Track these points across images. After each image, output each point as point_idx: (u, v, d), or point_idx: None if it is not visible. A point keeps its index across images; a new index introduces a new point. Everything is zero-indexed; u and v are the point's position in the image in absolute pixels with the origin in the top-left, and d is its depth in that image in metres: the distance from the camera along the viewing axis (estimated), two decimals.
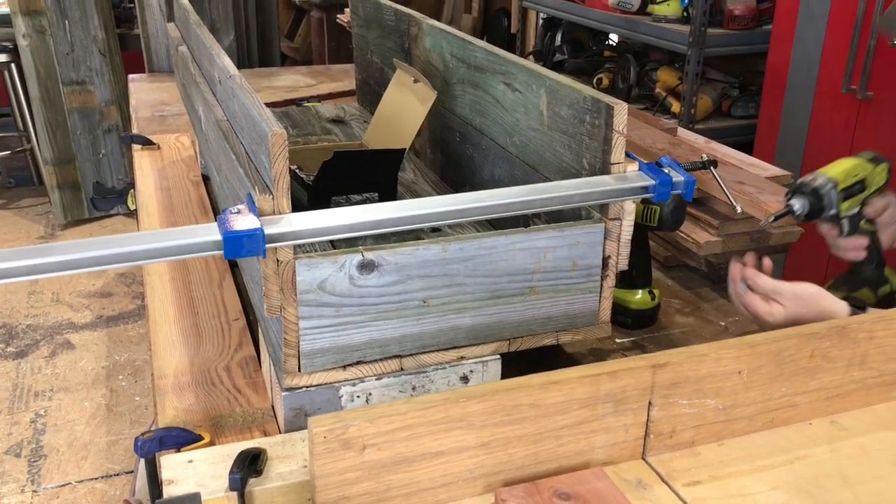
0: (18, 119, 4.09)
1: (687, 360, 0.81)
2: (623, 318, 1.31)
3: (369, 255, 0.96)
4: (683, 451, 0.85)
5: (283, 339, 0.97)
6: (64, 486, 2.25)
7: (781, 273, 2.20)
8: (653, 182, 1.04)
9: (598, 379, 0.78)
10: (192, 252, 0.89)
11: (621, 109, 1.00)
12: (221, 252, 0.88)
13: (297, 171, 1.45)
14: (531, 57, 4.02)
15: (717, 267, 1.49)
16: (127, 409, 2.60)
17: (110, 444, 2.42)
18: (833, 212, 1.17)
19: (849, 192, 1.18)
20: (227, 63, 1.19)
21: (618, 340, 1.31)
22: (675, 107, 3.04)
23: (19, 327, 3.06)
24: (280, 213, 0.92)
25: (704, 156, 1.18)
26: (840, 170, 1.19)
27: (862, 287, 1.23)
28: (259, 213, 0.91)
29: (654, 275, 1.53)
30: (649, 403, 0.81)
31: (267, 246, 0.89)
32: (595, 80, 3.43)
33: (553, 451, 0.79)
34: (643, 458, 0.84)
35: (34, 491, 2.22)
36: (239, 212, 0.91)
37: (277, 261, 0.93)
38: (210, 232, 0.89)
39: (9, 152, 4.13)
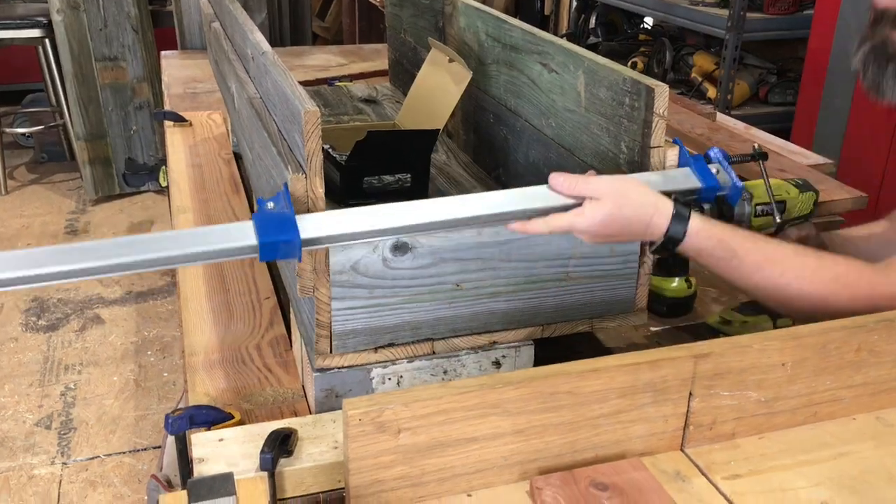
0: (51, 94, 4.12)
1: (730, 350, 0.78)
2: (658, 305, 1.28)
3: (403, 238, 0.95)
4: (723, 443, 0.83)
5: (315, 319, 0.96)
6: (93, 459, 2.27)
7: None
8: (699, 185, 1.01)
9: (637, 368, 0.76)
10: (228, 256, 0.88)
11: (662, 91, 0.98)
12: (257, 256, 0.87)
13: (329, 150, 1.44)
14: (564, 39, 3.98)
15: None
16: (155, 384, 2.61)
17: (138, 418, 2.44)
18: (743, 225, 1.12)
19: (764, 210, 1.13)
20: (260, 40, 1.18)
21: (653, 329, 1.29)
22: (711, 92, 2.99)
23: (50, 301, 3.09)
24: (313, 194, 0.90)
25: (756, 145, 1.14)
26: (761, 185, 1.14)
27: (762, 314, 1.18)
28: (292, 196, 0.89)
29: (691, 263, 1.51)
30: (690, 394, 0.79)
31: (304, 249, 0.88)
32: (629, 64, 3.37)
33: (590, 440, 0.78)
34: (682, 450, 0.82)
35: (64, 463, 2.25)
36: (272, 208, 0.89)
37: None
38: (246, 235, 0.88)
39: (42, 127, 4.16)
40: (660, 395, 0.78)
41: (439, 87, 1.50)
